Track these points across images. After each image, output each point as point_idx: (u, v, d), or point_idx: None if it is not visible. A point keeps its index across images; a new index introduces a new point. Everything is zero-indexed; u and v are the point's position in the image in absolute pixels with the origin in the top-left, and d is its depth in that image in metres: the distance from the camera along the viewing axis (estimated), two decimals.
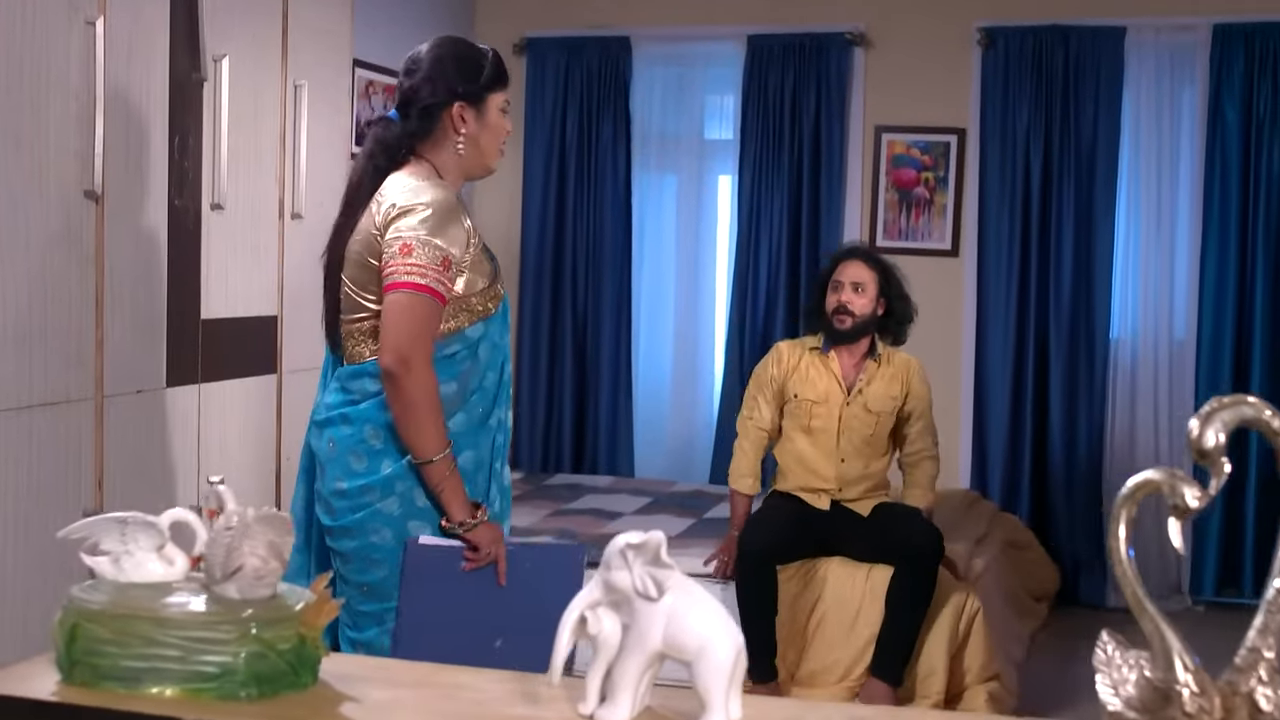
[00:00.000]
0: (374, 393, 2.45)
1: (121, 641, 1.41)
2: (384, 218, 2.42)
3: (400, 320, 2.36)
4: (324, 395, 2.58)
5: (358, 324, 2.49)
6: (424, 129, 2.52)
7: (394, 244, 2.39)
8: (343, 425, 2.48)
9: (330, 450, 2.49)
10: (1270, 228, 5.84)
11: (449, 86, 2.51)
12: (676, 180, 6.67)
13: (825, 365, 4.40)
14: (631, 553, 1.34)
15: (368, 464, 2.45)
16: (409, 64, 2.55)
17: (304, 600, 1.46)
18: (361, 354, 2.49)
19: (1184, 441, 5.37)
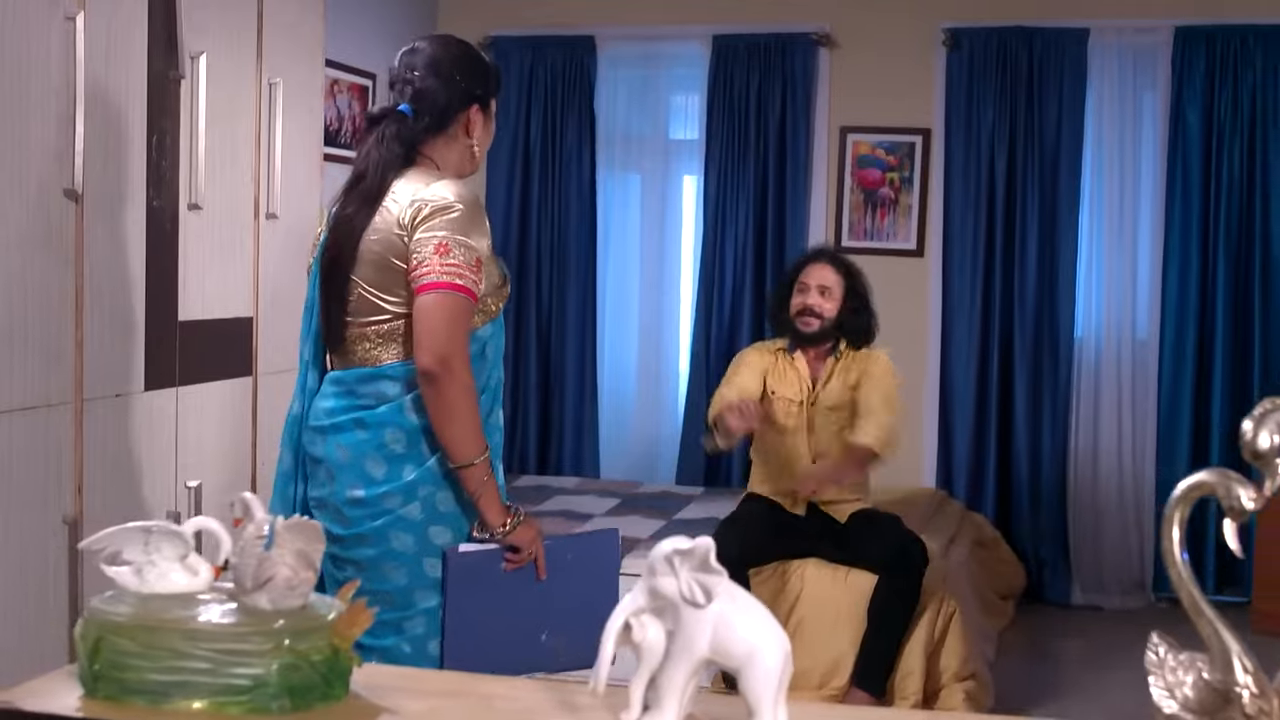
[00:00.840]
0: (393, 397, 2.40)
1: (149, 654, 1.37)
2: (412, 217, 2.35)
3: (440, 321, 2.31)
4: (320, 400, 2.48)
5: (374, 327, 2.42)
6: (436, 128, 2.48)
7: (428, 244, 2.33)
8: (357, 430, 2.41)
9: (343, 457, 2.41)
10: (1231, 228, 5.91)
11: (467, 89, 2.50)
12: (641, 180, 6.65)
13: (792, 365, 4.43)
14: (678, 559, 1.32)
15: (388, 470, 2.40)
16: (424, 62, 2.49)
17: (335, 610, 1.42)
18: (377, 357, 2.42)
19: (1146, 441, 5.39)
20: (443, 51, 2.52)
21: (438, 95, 2.47)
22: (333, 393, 2.47)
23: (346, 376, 2.45)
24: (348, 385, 2.44)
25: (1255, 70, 5.84)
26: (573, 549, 2.57)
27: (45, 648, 2.76)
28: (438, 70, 2.48)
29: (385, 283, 2.39)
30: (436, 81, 2.47)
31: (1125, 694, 4.96)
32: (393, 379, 2.41)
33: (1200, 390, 6.00)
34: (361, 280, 2.41)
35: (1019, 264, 6.13)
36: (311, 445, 2.48)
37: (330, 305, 2.44)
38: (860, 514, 4.40)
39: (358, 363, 2.44)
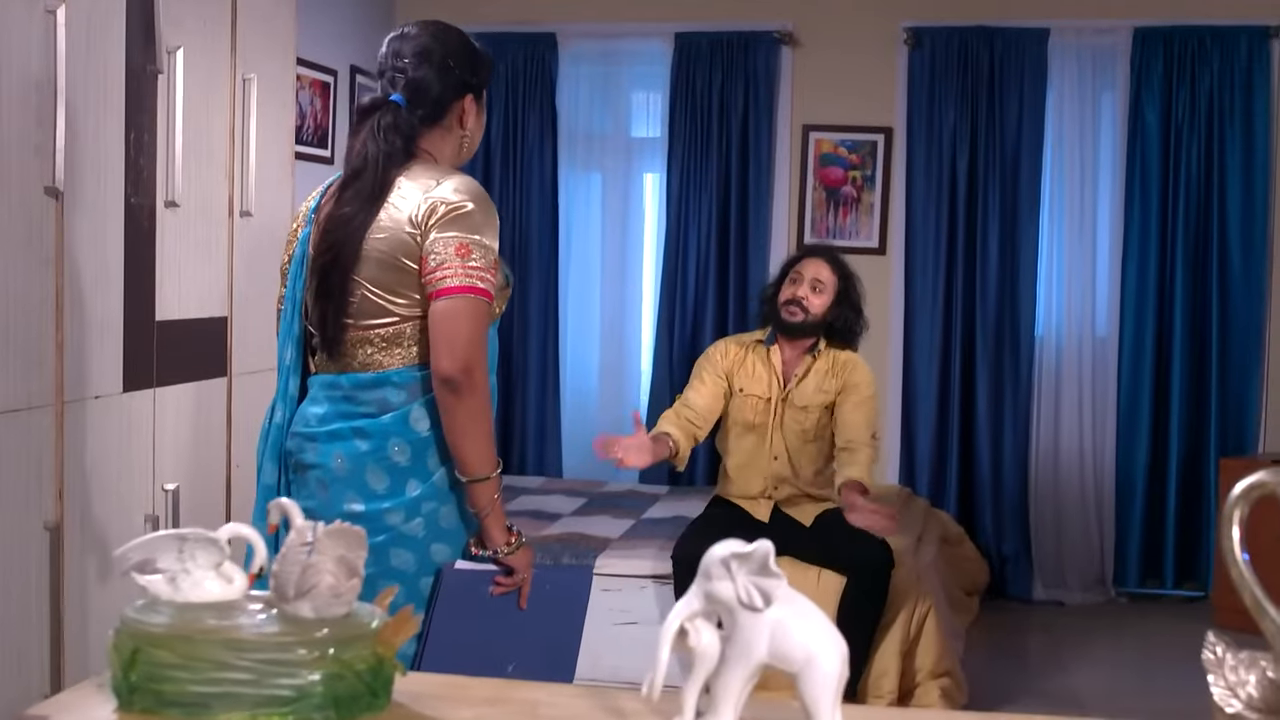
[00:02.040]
0: (396, 405, 2.30)
1: (190, 666, 1.33)
2: (426, 216, 2.26)
3: (463, 327, 2.21)
4: (309, 406, 2.38)
5: (378, 330, 2.31)
6: (431, 119, 2.39)
7: (448, 245, 2.23)
8: (357, 440, 2.30)
9: (340, 467, 2.30)
10: (1189, 227, 5.99)
11: (462, 78, 2.42)
12: (602, 178, 6.62)
13: (767, 358, 4.40)
14: (735, 562, 1.30)
15: (390, 483, 2.30)
16: (415, 50, 2.40)
17: (377, 618, 1.39)
18: (381, 362, 2.31)
19: (1105, 437, 5.44)
20: (434, 39, 2.43)
21: (432, 85, 2.37)
22: (325, 398, 2.36)
23: (342, 381, 2.34)
24: (344, 391, 2.34)
25: (1212, 70, 5.92)
26: (550, 581, 2.51)
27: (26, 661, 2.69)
28: (430, 59, 2.39)
29: (392, 283, 2.29)
30: (430, 71, 2.38)
31: (1092, 687, 5.02)
32: (398, 386, 2.31)
33: (1159, 387, 6.07)
34: (366, 281, 2.30)
35: (980, 262, 6.17)
36: (301, 452, 2.37)
37: (327, 307, 2.32)
38: (826, 516, 4.37)
39: (357, 367, 2.34)
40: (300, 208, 2.53)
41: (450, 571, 2.33)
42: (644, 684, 1.33)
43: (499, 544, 2.34)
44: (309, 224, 2.45)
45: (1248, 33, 5.88)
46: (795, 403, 4.32)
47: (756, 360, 4.40)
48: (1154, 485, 6.09)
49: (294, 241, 2.48)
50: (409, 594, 2.26)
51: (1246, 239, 5.94)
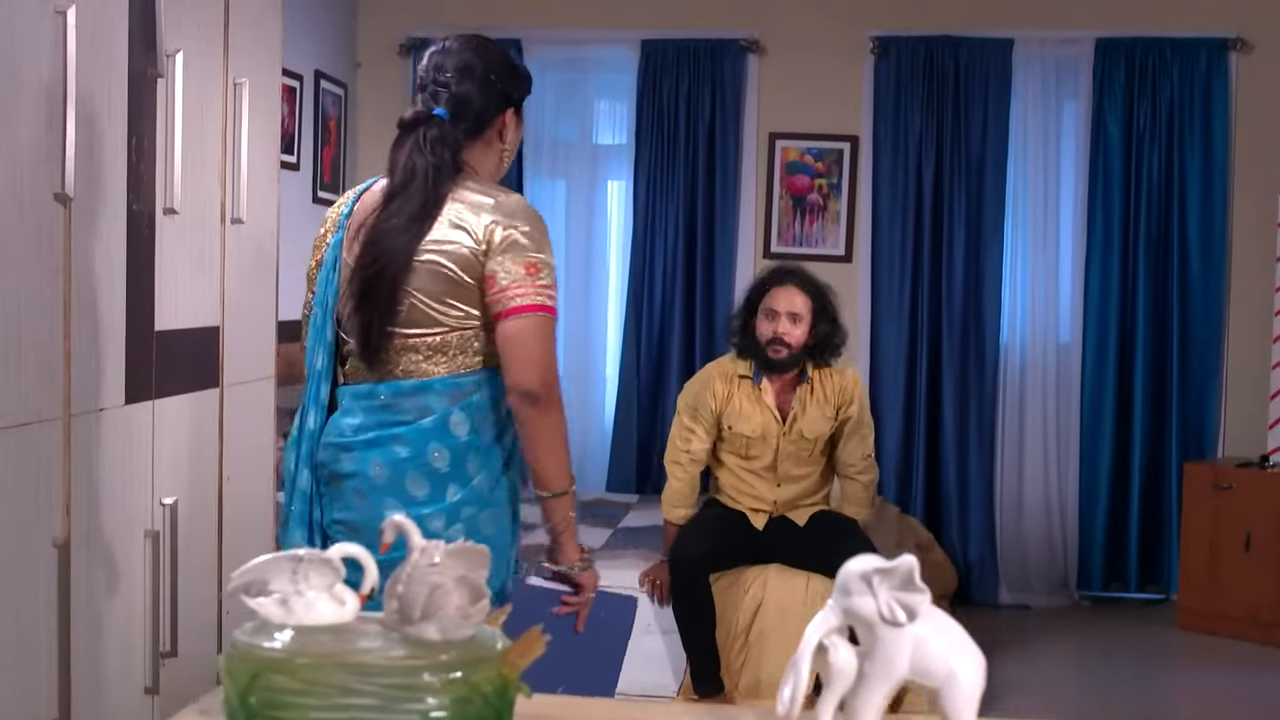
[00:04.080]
0: (435, 410, 2.32)
1: (315, 692, 1.28)
2: (488, 235, 2.30)
3: (540, 343, 2.26)
4: (343, 417, 2.39)
5: (425, 339, 2.34)
6: (474, 133, 2.43)
7: (517, 264, 2.29)
8: (396, 447, 2.31)
9: (379, 475, 2.31)
10: (1151, 236, 6.08)
11: (503, 93, 2.47)
12: (567, 186, 6.59)
13: (758, 397, 4.31)
14: (877, 578, 1.28)
15: (430, 490, 2.31)
16: (457, 65, 2.45)
17: (499, 639, 1.36)
18: (424, 370, 2.34)
19: (1069, 442, 5.60)
20: (476, 55, 2.48)
21: (474, 100, 2.42)
22: (359, 408, 2.37)
23: (380, 390, 2.35)
24: (381, 400, 2.35)
25: (1172, 81, 6.02)
26: (605, 607, 2.52)
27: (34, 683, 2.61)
28: (473, 74, 2.44)
29: (443, 294, 2.32)
30: (473, 86, 2.43)
31: (1061, 688, 5.08)
32: (439, 393, 2.33)
33: (1122, 393, 6.16)
34: (416, 291, 2.32)
35: (946, 270, 6.22)
36: (335, 463, 2.37)
37: (372, 316, 2.33)
38: (819, 516, 4.40)
39: (399, 375, 2.35)
40: (329, 214, 2.52)
41: (522, 586, 2.37)
42: (779, 702, 1.30)
43: (573, 560, 2.38)
44: (340, 230, 2.46)
45: (1207, 44, 5.98)
46: (801, 435, 4.29)
47: (743, 398, 4.32)
48: (1117, 489, 6.18)
49: (323, 248, 2.48)
50: None
51: (1206, 247, 6.04)
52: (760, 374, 4.31)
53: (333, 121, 6.14)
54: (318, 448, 2.41)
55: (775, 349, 4.23)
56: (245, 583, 1.37)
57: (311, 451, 2.42)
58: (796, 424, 4.28)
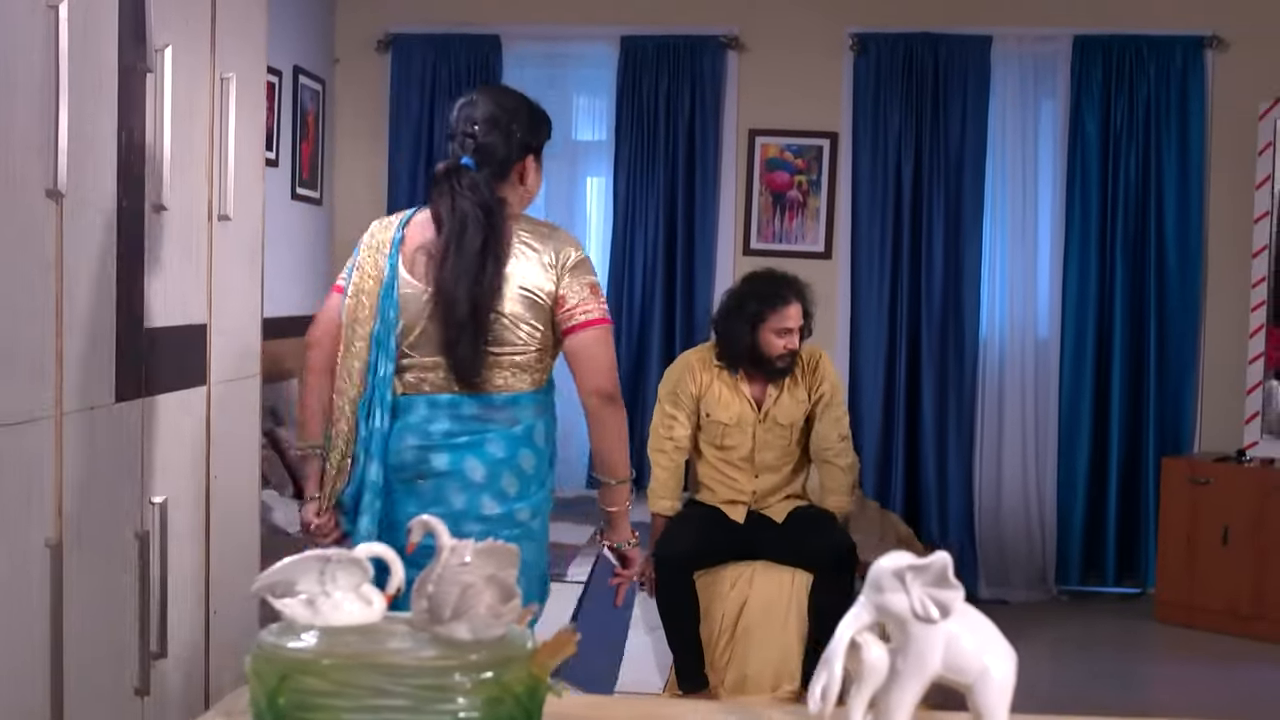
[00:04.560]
0: (524, 421, 2.72)
1: (346, 693, 1.27)
2: (559, 261, 2.71)
3: (607, 351, 2.71)
4: (431, 423, 2.72)
5: (510, 357, 2.72)
6: (498, 177, 2.78)
7: (583, 287, 2.71)
8: (492, 449, 2.68)
9: (476, 474, 2.66)
10: (1129, 232, 6.12)
11: (523, 141, 2.81)
12: (546, 181, 6.54)
13: (735, 386, 4.32)
14: (910, 574, 1.28)
15: (520, 488, 2.69)
16: (483, 117, 2.79)
17: (528, 638, 1.35)
18: (513, 386, 2.72)
19: (1047, 438, 5.71)
20: (498, 106, 2.82)
21: (498, 148, 2.77)
22: (446, 416, 2.71)
23: (468, 401, 2.71)
24: (473, 410, 2.70)
25: (1149, 79, 6.06)
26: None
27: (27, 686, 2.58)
28: (497, 124, 2.78)
29: (523, 314, 2.70)
30: (497, 136, 2.77)
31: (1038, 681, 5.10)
32: (525, 406, 2.73)
33: (1100, 389, 6.20)
34: (505, 315, 2.70)
35: (925, 266, 6.24)
36: (424, 462, 2.72)
37: (461, 337, 2.68)
38: (798, 512, 4.41)
39: (491, 390, 2.72)
40: (376, 237, 2.95)
41: (603, 555, 2.95)
42: (811, 699, 1.30)
43: (626, 537, 2.86)
44: (395, 252, 2.84)
45: (1183, 43, 6.03)
46: (776, 421, 4.31)
47: (722, 386, 4.33)
48: (1094, 484, 6.22)
49: (379, 267, 2.86)
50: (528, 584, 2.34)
51: (1182, 244, 6.09)
52: (738, 368, 4.33)
53: (311, 117, 6.10)
54: (396, 446, 2.74)
55: (783, 360, 4.25)
56: (271, 583, 1.36)
57: (383, 447, 2.73)
58: (771, 411, 4.31)
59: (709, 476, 4.40)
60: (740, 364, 4.29)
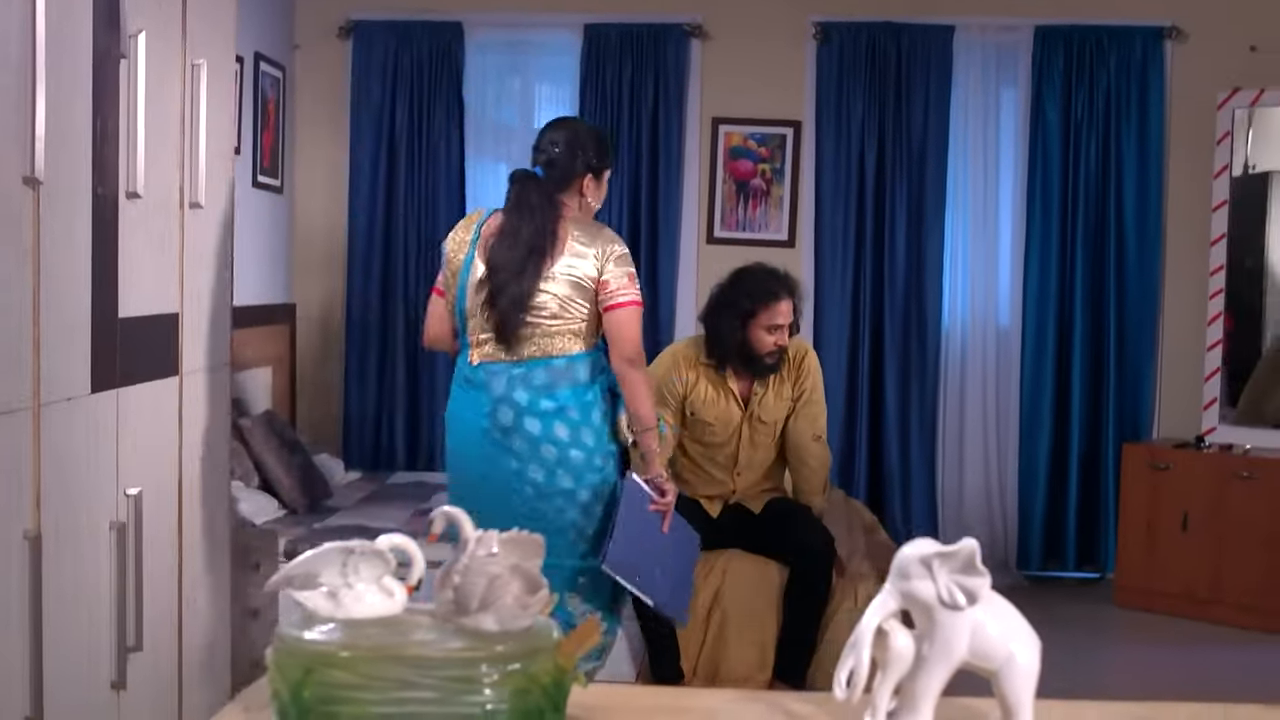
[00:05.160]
0: (584, 379, 3.42)
1: (372, 686, 1.25)
2: (606, 254, 3.40)
3: (634, 326, 3.39)
4: (515, 390, 3.40)
5: (565, 326, 3.40)
6: (561, 187, 3.50)
7: (622, 272, 3.41)
8: (570, 412, 3.40)
9: (562, 433, 3.40)
10: (1089, 222, 6.18)
11: (584, 161, 3.52)
12: (509, 169, 6.51)
13: (722, 384, 4.31)
14: (937, 561, 1.29)
15: (594, 441, 3.44)
16: (562, 139, 3.53)
17: (552, 628, 1.34)
18: (569, 348, 3.40)
19: (1009, 425, 5.76)
20: (570, 130, 3.57)
21: (561, 163, 3.50)
22: (519, 382, 3.41)
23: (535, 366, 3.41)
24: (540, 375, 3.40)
25: (1109, 69, 6.11)
26: (682, 528, 3.65)
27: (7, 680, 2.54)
28: (568, 145, 3.52)
29: (575, 295, 3.38)
30: (563, 152, 3.51)
31: None
32: (583, 362, 3.42)
33: (1060, 376, 6.26)
34: (557, 294, 3.38)
35: (888, 254, 6.28)
36: (520, 424, 3.39)
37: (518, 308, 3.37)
38: (775, 504, 4.41)
39: (549, 354, 3.40)
40: (458, 237, 3.61)
41: (631, 481, 3.45)
42: (837, 686, 1.30)
43: (657, 472, 3.46)
44: (472, 249, 3.50)
45: (1143, 33, 6.09)
46: (761, 419, 4.30)
47: (709, 384, 4.31)
48: (1055, 471, 6.28)
49: (458, 262, 3.53)
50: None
51: (1141, 233, 6.15)
52: (726, 365, 4.31)
53: (272, 105, 6.03)
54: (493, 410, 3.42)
55: (772, 356, 4.23)
56: (290, 576, 1.34)
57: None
58: (757, 410, 4.30)
59: (689, 471, 4.40)
60: (729, 361, 4.27)
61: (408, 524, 4.98)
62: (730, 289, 4.33)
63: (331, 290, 6.52)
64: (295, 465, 5.22)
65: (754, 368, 4.27)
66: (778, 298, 4.23)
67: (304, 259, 6.51)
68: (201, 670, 3.67)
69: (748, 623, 4.25)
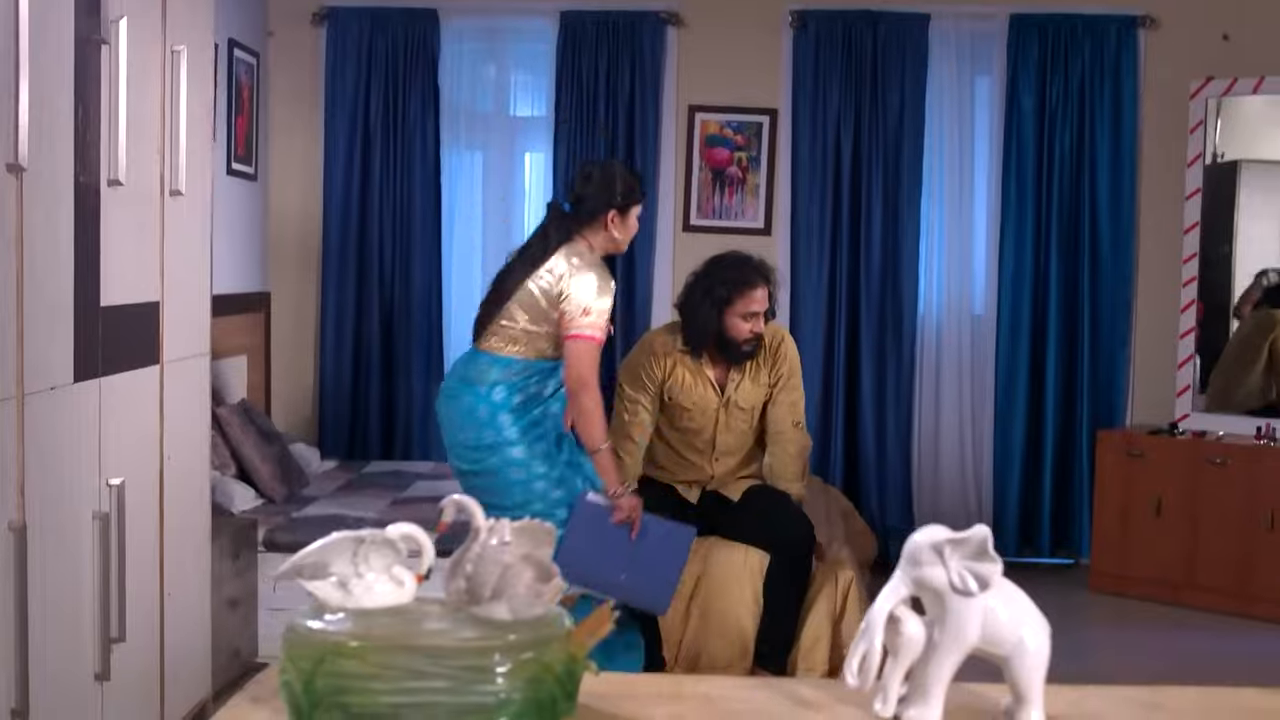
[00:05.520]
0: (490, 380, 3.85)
1: (384, 675, 1.25)
2: (561, 285, 3.74)
3: (577, 358, 3.71)
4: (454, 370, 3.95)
5: (507, 330, 3.82)
6: (587, 220, 3.85)
7: (578, 308, 3.72)
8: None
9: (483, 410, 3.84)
10: (1063, 209, 6.21)
11: (609, 199, 3.83)
12: (484, 157, 6.52)
13: (699, 371, 4.31)
14: (949, 548, 1.29)
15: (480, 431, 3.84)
16: (591, 178, 3.86)
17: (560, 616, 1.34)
18: (499, 349, 3.84)
19: (984, 412, 5.79)
20: (599, 169, 3.88)
21: (591, 200, 3.83)
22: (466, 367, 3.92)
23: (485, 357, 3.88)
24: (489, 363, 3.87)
25: (1084, 58, 6.14)
26: (661, 528, 3.93)
27: None
28: (591, 181, 3.85)
29: (528, 308, 3.79)
30: (589, 189, 3.84)
31: None
32: (502, 367, 3.84)
33: (1035, 364, 6.29)
34: (515, 303, 3.80)
35: (864, 242, 6.29)
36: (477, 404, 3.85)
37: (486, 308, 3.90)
38: (753, 491, 4.41)
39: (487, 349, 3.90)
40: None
41: (583, 502, 3.77)
42: (848, 672, 1.31)
43: (613, 489, 3.80)
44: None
45: (1117, 22, 6.12)
46: (738, 405, 4.30)
47: (685, 371, 4.30)
48: (1030, 457, 6.32)
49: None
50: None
51: (1115, 221, 6.19)
52: (701, 351, 4.30)
53: (246, 91, 5.99)
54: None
55: (748, 343, 4.23)
56: (300, 565, 1.33)
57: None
58: (734, 396, 4.30)
59: (666, 458, 4.39)
60: (705, 348, 4.27)
61: (386, 513, 4.96)
62: (706, 276, 4.32)
63: (306, 278, 6.48)
64: (272, 454, 5.19)
65: (730, 354, 4.27)
66: (753, 285, 4.22)
67: (278, 247, 6.47)
68: (183, 661, 3.65)
69: (728, 610, 4.25)
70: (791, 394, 4.38)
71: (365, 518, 4.86)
